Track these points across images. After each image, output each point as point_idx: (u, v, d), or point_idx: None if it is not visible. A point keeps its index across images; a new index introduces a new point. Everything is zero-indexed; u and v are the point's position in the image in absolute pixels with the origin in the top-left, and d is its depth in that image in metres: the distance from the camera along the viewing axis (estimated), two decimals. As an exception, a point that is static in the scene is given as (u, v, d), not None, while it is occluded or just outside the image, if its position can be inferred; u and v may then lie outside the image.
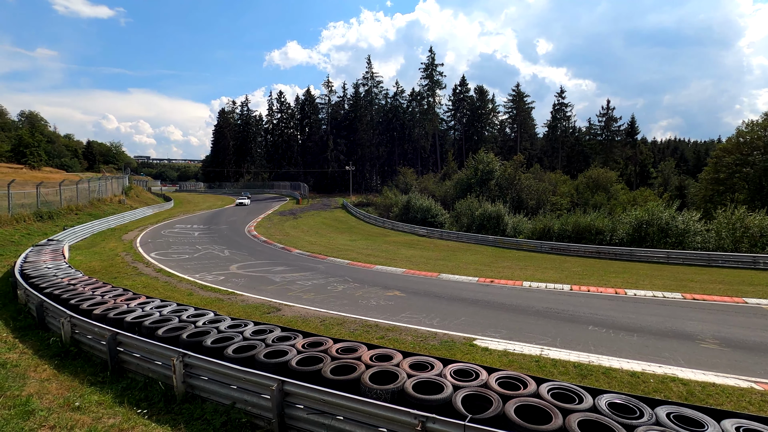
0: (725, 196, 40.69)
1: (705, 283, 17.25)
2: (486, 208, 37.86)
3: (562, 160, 79.69)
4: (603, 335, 9.97)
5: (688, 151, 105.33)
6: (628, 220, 29.35)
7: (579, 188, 53.78)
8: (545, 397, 5.20)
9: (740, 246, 25.11)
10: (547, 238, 31.87)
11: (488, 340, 9.26)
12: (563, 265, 22.35)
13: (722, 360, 8.40)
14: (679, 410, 4.91)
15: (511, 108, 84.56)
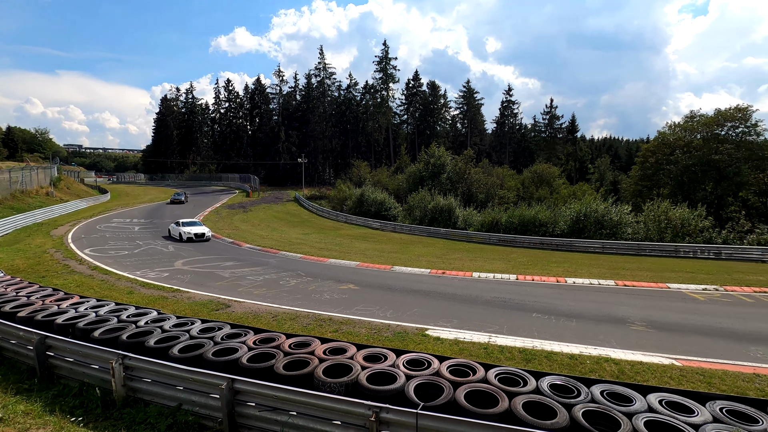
0: (652, 191, 44.40)
1: (635, 270, 18.77)
2: (438, 202, 38.71)
3: (510, 155, 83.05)
4: (546, 321, 10.59)
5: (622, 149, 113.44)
6: (569, 213, 31.23)
7: (525, 182, 56.35)
8: (493, 382, 5.44)
9: (664, 236, 27.55)
10: (495, 230, 33.18)
11: (440, 329, 9.52)
12: (510, 256, 23.40)
13: (649, 341, 9.21)
14: (611, 388, 5.33)
15: (461, 104, 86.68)
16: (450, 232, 34.22)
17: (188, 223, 26.14)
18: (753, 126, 40.55)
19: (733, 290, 14.47)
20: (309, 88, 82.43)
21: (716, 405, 4.94)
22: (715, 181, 41.16)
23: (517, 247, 28.95)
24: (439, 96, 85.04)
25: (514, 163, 77.55)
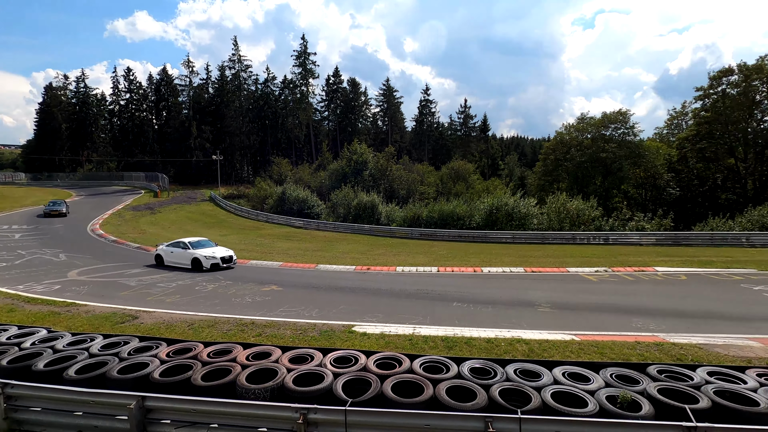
0: (553, 186, 49.07)
1: (540, 257, 20.66)
2: (361, 198, 38.99)
3: (429, 152, 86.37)
4: (465, 309, 11.22)
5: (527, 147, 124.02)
6: (483, 207, 33.36)
7: (443, 179, 59.00)
8: (418, 371, 5.64)
9: (564, 226, 30.68)
10: (416, 225, 34.31)
11: (366, 325, 9.62)
12: (431, 249, 24.39)
13: (553, 320, 10.22)
14: (523, 366, 5.83)
15: (382, 102, 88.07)
16: (374, 228, 34.68)
17: (199, 243, 18.25)
18: (631, 128, 46.71)
19: (618, 271, 16.60)
20: (223, 81, 77.69)
21: (607, 372, 5.65)
22: (603, 175, 46.75)
23: (437, 240, 30.24)
24: (359, 93, 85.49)
25: (433, 160, 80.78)
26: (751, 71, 37.95)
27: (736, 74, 39.02)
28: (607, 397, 4.97)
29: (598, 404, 4.82)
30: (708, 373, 5.62)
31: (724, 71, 40.01)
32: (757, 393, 5.02)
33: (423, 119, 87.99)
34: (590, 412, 4.63)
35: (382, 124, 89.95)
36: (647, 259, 19.28)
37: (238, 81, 78.90)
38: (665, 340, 8.55)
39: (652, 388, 5.13)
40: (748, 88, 38.20)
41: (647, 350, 7.88)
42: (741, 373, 5.65)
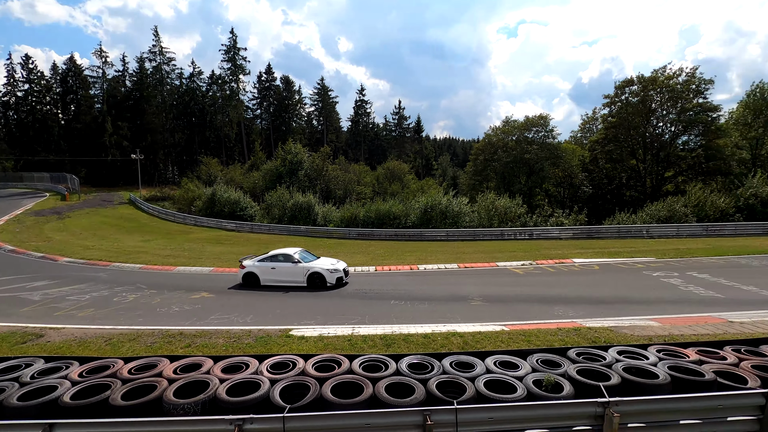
0: (483, 185, 51.66)
1: (472, 253, 21.65)
2: (297, 199, 38.18)
3: (365, 152, 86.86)
4: (403, 307, 11.44)
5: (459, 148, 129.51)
6: (418, 206, 34.21)
7: (379, 178, 59.61)
8: (357, 371, 5.64)
9: (493, 223, 32.42)
10: (354, 225, 34.33)
11: (304, 328, 9.44)
12: (369, 249, 24.54)
13: (485, 312, 10.76)
14: (458, 358, 6.06)
15: (317, 101, 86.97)
16: (310, 229, 34.14)
17: (309, 256, 15.41)
18: (550, 131, 50.56)
19: (542, 263, 17.90)
20: (142, 74, 71.81)
21: (534, 358, 6.06)
22: (527, 175, 50.11)
23: (374, 239, 30.50)
24: (293, 92, 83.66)
25: (369, 160, 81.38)
26: (647, 82, 42.81)
27: (636, 84, 43.81)
28: (534, 381, 5.33)
29: (526, 389, 5.15)
30: (618, 353, 6.25)
31: (626, 82, 44.73)
32: (656, 367, 5.67)
33: (359, 119, 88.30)
34: (519, 397, 4.93)
35: (317, 124, 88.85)
36: (566, 252, 20.99)
37: (160, 74, 73.47)
38: (582, 325, 9.37)
39: (572, 369, 5.59)
40: (646, 97, 43.05)
41: (567, 335, 8.58)
42: (644, 350, 6.35)
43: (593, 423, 4.55)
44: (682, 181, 42.42)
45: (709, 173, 40.42)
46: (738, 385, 5.20)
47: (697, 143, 42.33)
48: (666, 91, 42.10)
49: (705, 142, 41.16)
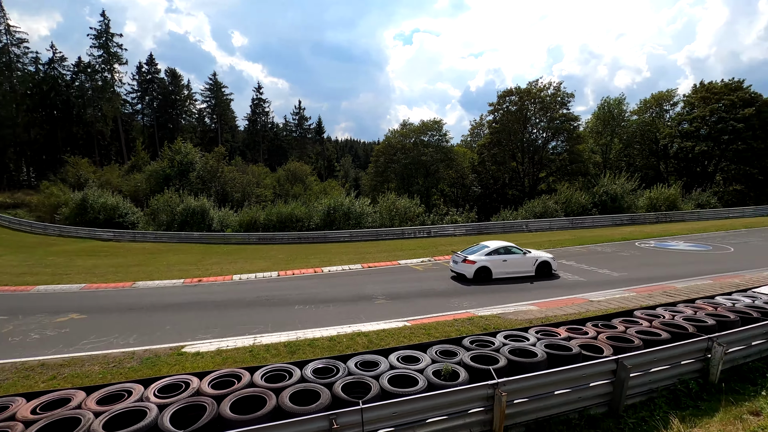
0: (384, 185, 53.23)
1: (375, 253, 22.15)
2: (189, 203, 35.16)
3: (264, 153, 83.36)
4: (307, 311, 11.23)
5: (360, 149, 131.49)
6: (321, 208, 33.96)
7: (280, 180, 57.77)
8: (260, 383, 5.39)
9: (394, 222, 33.60)
10: (254, 229, 32.78)
11: (199, 343, 8.72)
12: (270, 254, 23.62)
13: (388, 310, 11.09)
14: (363, 358, 6.15)
15: (209, 97, 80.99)
16: (205, 235, 31.71)
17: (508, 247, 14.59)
18: (444, 135, 54.12)
19: (439, 259, 19.05)
20: (-19, 56, 59.46)
21: (433, 350, 6.41)
22: (424, 176, 52.92)
23: (277, 243, 29.47)
24: (182, 86, 76.77)
25: (268, 161, 78.34)
26: (523, 93, 48.30)
27: (514, 95, 49.13)
28: (434, 372, 5.65)
29: (427, 380, 5.43)
30: (504, 337, 6.93)
31: (506, 92, 49.90)
32: (535, 346, 6.42)
33: (256, 118, 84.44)
34: (420, 389, 5.18)
35: (210, 122, 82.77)
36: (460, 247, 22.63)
37: (8, 57, 61.55)
38: (475, 314, 10.19)
39: (467, 357, 6.05)
40: (522, 106, 48.54)
41: (462, 325, 9.26)
42: (525, 332, 7.14)
43: (485, 404, 4.99)
44: (553, 180, 48.67)
45: (573, 174, 47.00)
46: (596, 355, 6.13)
47: (563, 148, 49.00)
48: (538, 101, 47.93)
49: (569, 147, 47.83)
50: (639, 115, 52.68)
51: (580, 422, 5.45)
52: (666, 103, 51.40)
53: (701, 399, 5.93)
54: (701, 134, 45.89)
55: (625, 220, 33.36)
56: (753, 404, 5.67)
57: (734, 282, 12.34)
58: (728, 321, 7.37)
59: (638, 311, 8.22)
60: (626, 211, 35.93)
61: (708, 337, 6.38)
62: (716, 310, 8.04)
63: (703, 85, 48.03)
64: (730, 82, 46.25)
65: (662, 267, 15.60)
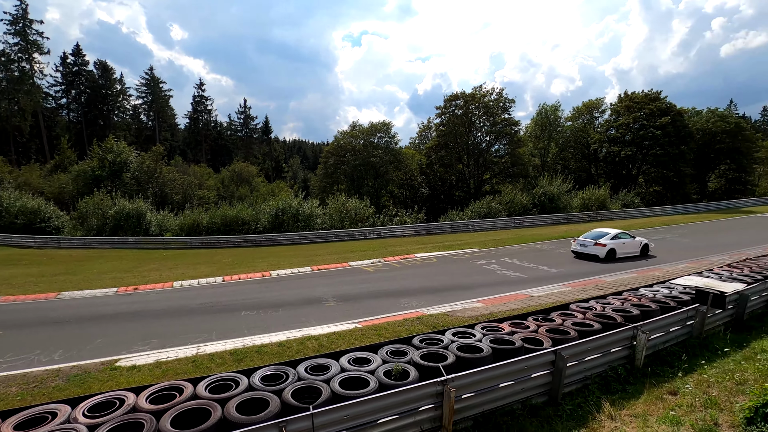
0: (333, 187, 52.80)
1: (325, 255, 21.92)
2: (123, 206, 32.76)
3: (207, 153, 79.58)
4: (255, 317, 10.87)
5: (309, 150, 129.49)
6: (268, 210, 33.04)
7: (225, 181, 55.47)
8: (203, 395, 5.14)
9: (345, 224, 33.44)
10: (196, 232, 31.23)
11: (135, 356, 8.16)
12: (215, 258, 22.62)
13: (339, 313, 11.01)
14: (313, 362, 6.05)
15: (145, 93, 75.97)
16: (142, 240, 29.72)
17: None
18: (392, 137, 54.69)
19: (389, 260, 19.23)
20: None
21: (384, 350, 6.46)
22: (374, 177, 53.17)
23: (221, 247, 28.28)
24: (113, 80, 71.37)
25: (212, 161, 74.94)
26: (468, 98, 50.04)
27: (460, 99, 50.77)
28: (384, 372, 5.69)
29: (378, 381, 5.46)
30: (452, 334, 7.13)
31: (452, 96, 51.42)
32: (482, 342, 6.66)
33: (198, 117, 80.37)
34: (371, 390, 5.19)
35: (146, 119, 77.67)
36: (409, 248, 22.99)
37: None
38: (424, 313, 10.40)
39: (416, 356, 6.15)
40: (467, 110, 50.26)
41: (412, 324, 9.41)
42: (472, 329, 7.40)
43: (435, 400, 5.10)
44: (496, 182, 50.81)
45: (515, 176, 49.37)
46: (537, 347, 6.48)
47: (505, 151, 51.35)
48: (482, 106, 49.87)
49: (510, 150, 50.21)
50: (572, 121, 56.52)
51: (523, 412, 5.73)
52: (596, 111, 55.59)
53: (628, 383, 6.46)
54: (626, 140, 50.07)
55: (561, 220, 35.58)
56: (671, 385, 6.27)
57: (655, 275, 13.58)
58: (650, 310, 8.09)
59: (574, 304, 8.80)
60: (562, 210, 38.35)
61: (634, 325, 6.96)
62: (640, 300, 8.80)
63: (627, 94, 52.45)
64: (649, 93, 50.90)
65: (594, 263, 16.82)
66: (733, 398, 5.50)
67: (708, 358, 7.17)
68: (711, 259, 16.32)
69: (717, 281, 9.86)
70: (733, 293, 8.64)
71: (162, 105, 77.51)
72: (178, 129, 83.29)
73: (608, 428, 5.20)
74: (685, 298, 8.75)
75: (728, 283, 9.60)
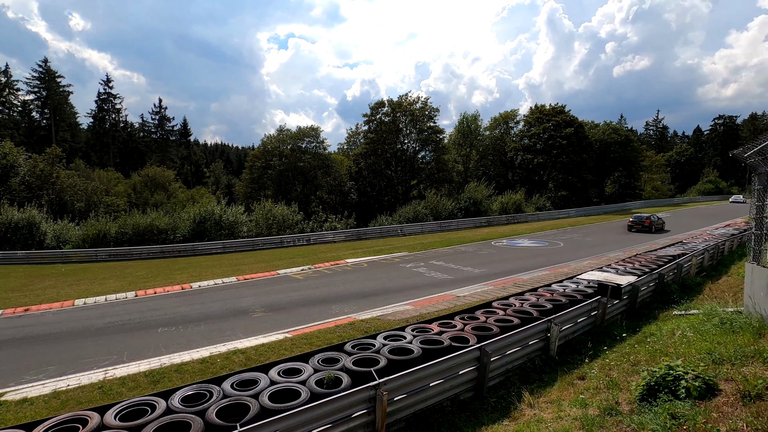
0: (260, 192, 50.90)
1: (252, 264, 21.01)
2: (10, 216, 28.55)
3: (115, 156, 72.34)
4: (173, 333, 10.07)
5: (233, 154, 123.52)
6: (188, 217, 30.88)
7: (137, 187, 50.93)
8: (113, 424, 4.64)
9: (272, 231, 32.34)
10: (103, 244, 28.20)
11: (27, 387, 7.12)
12: (126, 271, 20.60)
13: (267, 323, 10.59)
14: (240, 377, 5.75)
15: (38, 87, 67.17)
16: (34, 254, 26.12)
17: None
18: (321, 142, 54.20)
19: (320, 266, 18.96)
20: None
21: (316, 359, 6.33)
22: (302, 183, 52.24)
23: (134, 259, 25.82)
24: (-4, 71, 62.15)
25: (121, 165, 68.29)
26: (395, 106, 51.33)
27: (387, 107, 51.87)
28: (317, 381, 5.58)
29: (310, 391, 5.33)
30: (384, 337, 7.21)
31: (379, 104, 52.41)
32: (412, 344, 6.82)
33: (105, 116, 72.82)
34: (302, 401, 5.06)
35: (40, 117, 68.62)
36: (340, 254, 22.88)
37: None
38: (356, 318, 10.39)
39: (349, 362, 6.12)
40: (395, 118, 51.53)
41: (344, 330, 9.36)
42: (402, 331, 7.54)
43: (368, 405, 5.11)
44: (423, 187, 52.54)
45: (440, 181, 51.49)
46: (464, 345, 6.79)
47: (431, 158, 53.40)
48: (409, 114, 51.41)
49: (436, 157, 52.32)
50: (491, 130, 60.50)
51: (452, 408, 5.96)
52: (511, 121, 60.12)
53: (545, 372, 7.02)
54: (537, 148, 54.72)
55: (483, 222, 37.77)
56: (580, 371, 6.92)
57: (564, 271, 14.95)
58: (561, 304, 8.88)
59: (495, 302, 9.36)
60: (484, 214, 40.75)
61: (547, 319, 7.59)
62: (552, 296, 9.62)
63: (537, 107, 57.41)
64: (556, 106, 56.21)
65: (512, 262, 18.08)
66: (629, 378, 6.22)
67: (609, 344, 8.04)
68: (609, 255, 18.38)
69: (614, 275, 11.13)
70: (627, 285, 9.80)
71: (59, 101, 68.98)
72: (80, 129, 74.60)
73: (528, 416, 5.59)
74: (589, 292, 9.74)
75: (623, 276, 10.88)
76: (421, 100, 52.00)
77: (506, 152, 58.50)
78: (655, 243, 21.13)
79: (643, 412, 4.85)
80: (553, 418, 5.31)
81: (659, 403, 4.89)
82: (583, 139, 54.34)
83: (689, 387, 4.92)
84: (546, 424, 5.17)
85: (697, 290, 11.93)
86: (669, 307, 10.30)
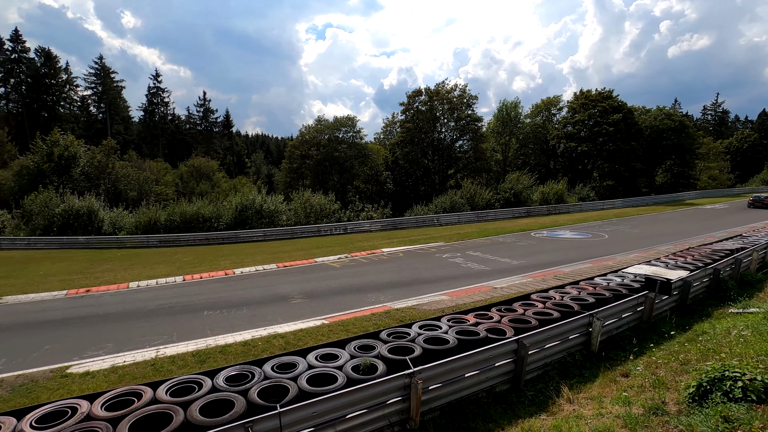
0: (298, 182, 52.06)
1: (291, 252, 21.59)
2: (72, 204, 30.86)
3: (164, 147, 76.16)
4: (218, 316, 10.57)
5: (273, 145, 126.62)
6: (230, 206, 32.12)
7: (183, 177, 53.43)
8: (164, 399, 4.95)
9: (310, 220, 33.05)
10: (154, 231, 29.92)
11: (88, 362, 7.74)
12: (174, 257, 21.77)
13: (305, 309, 10.90)
14: (280, 360, 5.96)
15: (95, 83, 71.60)
16: (93, 239, 28.14)
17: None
18: (358, 132, 54.51)
19: (356, 255, 19.20)
20: None
21: (352, 345, 6.45)
22: (339, 173, 52.85)
23: (181, 246, 27.24)
24: (58, 69, 66.70)
25: (169, 156, 71.78)
26: (432, 94, 50.59)
27: (424, 95, 51.23)
28: (353, 367, 5.69)
29: (346, 376, 5.45)
30: (419, 327, 7.22)
31: (416, 92, 51.80)
32: (447, 334, 6.79)
33: (154, 109, 76.67)
34: (339, 386, 5.18)
35: (97, 111, 73.23)
36: (376, 243, 23.05)
37: None
38: (392, 307, 10.48)
39: (384, 349, 6.19)
40: (432, 106, 50.84)
41: (380, 319, 9.46)
42: (438, 321, 7.52)
43: (403, 393, 5.16)
44: (461, 177, 51.75)
45: (478, 171, 50.50)
46: (500, 337, 6.68)
47: (469, 147, 52.37)
48: (446, 102, 50.53)
49: (474, 145, 51.25)
50: (532, 117, 58.37)
51: (487, 399, 5.91)
52: (553, 108, 57.67)
53: (585, 368, 6.80)
54: (582, 136, 52.31)
55: (522, 213, 36.78)
56: (624, 368, 6.65)
57: (609, 264, 14.32)
58: (604, 298, 8.53)
59: (534, 294, 9.13)
60: (523, 204, 39.65)
61: (589, 313, 7.32)
62: (595, 289, 9.25)
63: (582, 92, 54.73)
64: (602, 91, 53.34)
65: (552, 253, 17.52)
66: (678, 378, 5.91)
67: (656, 341, 7.66)
68: (658, 248, 17.40)
69: (664, 269, 10.54)
70: (677, 280, 9.26)
71: (114, 96, 73.33)
72: (132, 122, 79.07)
73: (567, 411, 5.45)
74: (635, 286, 9.28)
75: (674, 270, 10.28)
76: (459, 87, 50.94)
77: (548, 140, 56.36)
78: (711, 236, 19.79)
79: (693, 413, 4.61)
80: (593, 415, 5.15)
81: (711, 405, 4.62)
82: (632, 125, 51.31)
83: (746, 389, 4.61)
84: (586, 420, 5.02)
85: (757, 287, 11.11)
86: (725, 305, 9.66)
